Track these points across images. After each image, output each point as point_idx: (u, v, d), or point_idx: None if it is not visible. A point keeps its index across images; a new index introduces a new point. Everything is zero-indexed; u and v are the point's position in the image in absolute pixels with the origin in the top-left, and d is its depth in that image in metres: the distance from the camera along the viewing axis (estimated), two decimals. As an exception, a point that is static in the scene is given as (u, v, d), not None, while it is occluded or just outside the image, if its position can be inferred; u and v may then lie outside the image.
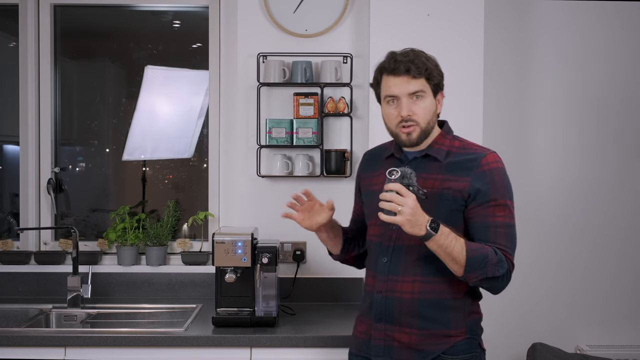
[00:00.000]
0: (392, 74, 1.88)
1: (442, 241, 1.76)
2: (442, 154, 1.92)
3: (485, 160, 1.88)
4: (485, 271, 1.79)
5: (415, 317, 1.89)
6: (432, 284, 1.89)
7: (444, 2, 2.78)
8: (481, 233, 1.86)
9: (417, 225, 1.74)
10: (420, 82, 1.87)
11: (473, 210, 1.86)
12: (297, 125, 2.85)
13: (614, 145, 3.23)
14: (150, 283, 2.99)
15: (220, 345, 2.34)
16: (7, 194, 3.36)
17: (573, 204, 3.22)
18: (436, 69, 1.91)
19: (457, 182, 1.87)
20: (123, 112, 3.34)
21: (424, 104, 1.88)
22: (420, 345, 1.89)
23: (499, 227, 1.85)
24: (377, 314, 1.93)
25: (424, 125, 1.89)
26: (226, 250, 2.48)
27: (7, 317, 2.78)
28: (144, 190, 3.30)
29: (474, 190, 1.85)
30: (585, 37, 3.21)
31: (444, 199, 1.86)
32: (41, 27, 3.12)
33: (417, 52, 1.91)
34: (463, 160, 1.90)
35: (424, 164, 1.93)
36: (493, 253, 1.81)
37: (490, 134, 3.09)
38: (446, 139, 1.96)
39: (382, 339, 1.92)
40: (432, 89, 1.89)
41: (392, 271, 1.91)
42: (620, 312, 3.23)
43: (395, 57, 1.89)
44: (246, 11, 2.91)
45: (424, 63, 1.87)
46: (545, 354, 2.78)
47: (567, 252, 3.22)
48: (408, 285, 1.89)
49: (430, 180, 1.89)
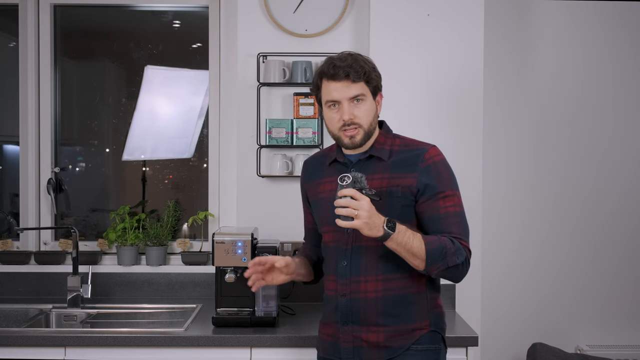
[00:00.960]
0: (332, 79, 1.91)
1: (400, 239, 1.80)
2: (385, 154, 1.96)
3: (428, 154, 1.93)
4: (446, 261, 1.84)
5: (381, 315, 1.92)
6: (394, 281, 1.92)
7: (444, 2, 2.78)
8: (434, 225, 1.90)
9: (375, 227, 1.77)
10: (360, 86, 1.90)
11: (424, 204, 1.91)
12: (297, 125, 2.86)
13: (614, 144, 3.23)
14: (150, 283, 2.99)
15: (220, 345, 2.34)
16: (7, 194, 3.36)
17: (574, 204, 3.22)
18: (374, 71, 1.94)
19: (404, 178, 1.91)
20: (123, 112, 3.34)
21: (365, 107, 1.91)
22: (387, 342, 1.92)
23: (451, 217, 1.90)
24: (344, 317, 1.95)
25: (366, 127, 1.92)
26: (226, 250, 2.48)
27: (7, 317, 2.78)
28: (144, 190, 3.30)
29: (422, 185, 1.89)
30: (585, 37, 3.21)
31: (394, 197, 1.90)
32: (41, 27, 3.12)
33: (355, 56, 1.93)
34: (407, 157, 1.94)
35: (369, 165, 1.96)
36: (450, 242, 1.85)
37: (490, 133, 3.10)
38: (387, 138, 1.99)
39: (350, 341, 1.95)
40: (371, 92, 1.93)
41: (353, 273, 1.93)
42: (620, 312, 3.23)
43: (334, 63, 1.91)
44: (246, 11, 2.91)
45: (362, 67, 1.90)
46: (545, 354, 2.78)
47: (568, 252, 3.23)
48: (371, 285, 1.92)
49: (377, 180, 1.92)
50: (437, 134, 2.75)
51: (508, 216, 3.21)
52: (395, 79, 2.74)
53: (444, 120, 2.80)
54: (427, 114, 2.80)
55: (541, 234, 3.22)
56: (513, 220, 3.21)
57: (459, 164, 2.68)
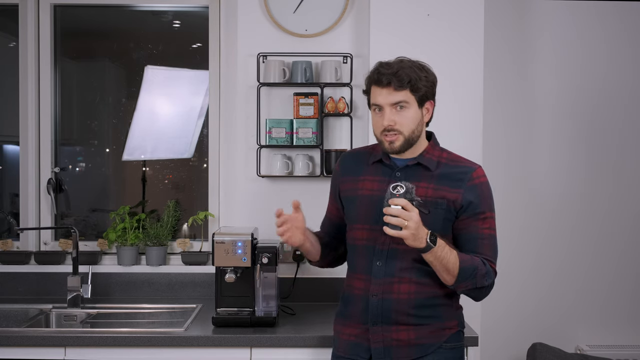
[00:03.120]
0: (376, 84, 1.95)
1: (439, 253, 1.85)
2: (433, 164, 2.00)
3: (476, 174, 1.99)
4: (475, 281, 1.90)
5: (412, 315, 1.95)
6: (426, 285, 1.96)
7: (444, 2, 2.78)
8: (469, 244, 1.97)
9: (419, 239, 1.82)
10: (403, 94, 1.92)
11: (464, 221, 1.96)
12: (297, 125, 2.85)
13: (614, 144, 3.23)
14: (150, 283, 2.99)
15: (220, 345, 2.34)
16: (7, 194, 3.36)
17: (574, 204, 3.22)
18: (422, 80, 1.94)
19: (450, 192, 1.94)
20: (123, 112, 3.34)
21: (408, 114, 1.94)
22: (419, 339, 1.96)
23: (486, 239, 1.97)
24: (374, 317, 1.97)
25: (407, 135, 1.95)
26: (226, 250, 2.48)
27: (7, 317, 2.78)
28: (144, 190, 3.30)
29: (467, 202, 1.94)
30: (585, 37, 3.21)
31: (439, 209, 1.94)
32: (41, 27, 3.12)
33: (403, 63, 1.95)
34: (454, 172, 1.98)
35: (415, 172, 1.99)
36: (482, 264, 1.92)
37: (490, 133, 3.10)
38: (435, 150, 2.04)
39: (380, 341, 1.97)
40: (416, 100, 1.95)
41: (388, 274, 1.96)
42: (620, 312, 3.24)
43: (379, 69, 1.95)
44: (246, 11, 2.91)
45: (407, 75, 1.91)
46: (545, 354, 2.77)
47: (568, 252, 3.23)
48: (405, 287, 1.95)
49: (422, 189, 1.94)
50: (437, 133, 2.75)
51: (507, 216, 3.21)
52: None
53: (443, 120, 2.79)
54: (427, 114, 2.80)
55: (541, 233, 3.22)
56: (512, 220, 3.21)
57: (459, 164, 2.69)
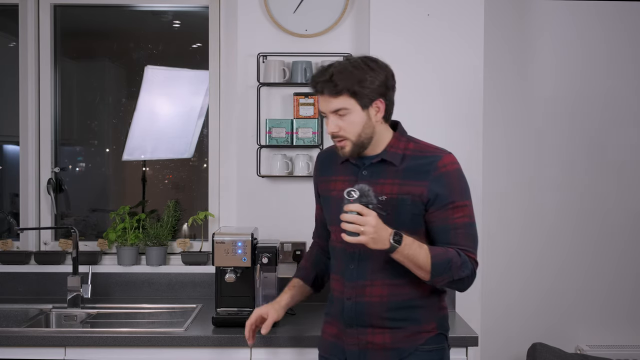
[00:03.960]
0: (316, 92, 1.88)
1: (406, 251, 1.79)
2: (397, 159, 1.90)
3: (442, 162, 1.87)
4: (451, 274, 1.83)
5: (386, 319, 1.91)
6: (400, 287, 1.90)
7: (444, 2, 2.78)
8: (442, 236, 1.88)
9: (381, 241, 1.76)
10: (341, 100, 1.83)
11: (433, 214, 1.87)
12: (297, 125, 2.85)
13: (614, 144, 3.23)
14: (150, 283, 2.99)
15: (220, 345, 2.34)
16: (7, 194, 3.36)
17: (574, 204, 3.22)
18: (368, 80, 1.82)
19: (415, 186, 1.86)
20: (123, 112, 3.34)
21: (350, 119, 1.85)
22: (394, 344, 1.91)
23: (459, 229, 1.87)
24: (349, 320, 1.94)
25: (354, 139, 1.87)
26: (226, 250, 2.48)
27: (7, 317, 2.78)
28: (144, 190, 3.30)
29: (433, 195, 1.85)
30: (585, 37, 3.21)
31: (404, 204, 1.86)
32: (41, 27, 3.12)
33: (339, 68, 1.83)
34: (420, 164, 1.88)
35: (380, 169, 1.92)
36: (457, 256, 1.83)
37: (490, 133, 3.10)
38: (401, 141, 1.93)
39: (355, 344, 1.94)
40: (359, 103, 1.83)
41: (360, 277, 1.92)
42: (620, 312, 3.23)
43: (314, 76, 1.87)
44: (246, 11, 2.91)
45: (342, 80, 1.80)
46: (545, 354, 2.78)
47: (568, 252, 3.23)
48: (377, 289, 1.90)
49: (388, 186, 1.88)
50: (437, 133, 2.75)
51: (508, 216, 3.21)
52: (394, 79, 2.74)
53: (443, 120, 2.80)
54: (427, 113, 2.80)
55: (541, 233, 3.22)
56: (513, 220, 3.21)
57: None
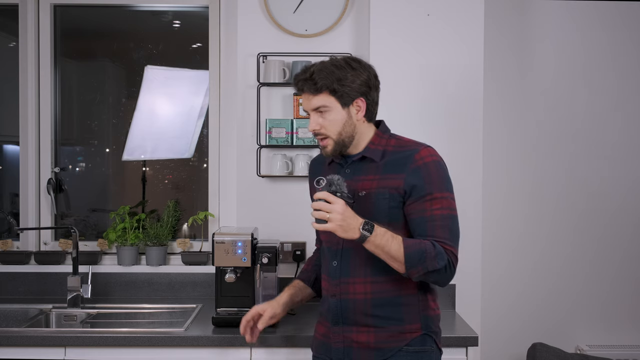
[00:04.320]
0: (298, 90, 1.92)
1: (378, 241, 1.79)
2: (377, 155, 1.93)
3: (419, 155, 1.88)
4: (425, 265, 1.80)
5: (370, 316, 1.91)
6: (383, 283, 1.90)
7: (444, 2, 2.78)
8: (420, 228, 1.87)
9: (351, 229, 1.77)
10: (321, 98, 1.87)
11: (410, 206, 1.87)
12: (297, 125, 2.86)
13: (615, 144, 3.23)
14: (150, 283, 2.99)
15: (220, 345, 2.34)
16: (7, 194, 3.36)
17: (574, 204, 3.22)
18: (349, 78, 1.86)
19: (392, 180, 1.88)
20: (123, 112, 3.34)
21: (331, 117, 1.89)
22: (377, 343, 1.91)
23: (437, 221, 1.85)
24: (334, 318, 1.95)
25: (335, 137, 1.90)
26: (226, 250, 2.48)
27: (7, 317, 2.78)
28: (144, 190, 3.30)
29: (410, 187, 1.86)
30: (585, 37, 3.21)
31: (381, 198, 1.88)
32: (41, 27, 3.12)
33: (320, 67, 1.87)
34: (398, 158, 1.90)
35: (361, 166, 1.94)
36: (431, 247, 1.82)
37: (490, 133, 3.10)
38: (382, 138, 1.96)
39: (341, 342, 1.95)
40: (338, 101, 1.87)
41: (343, 274, 1.93)
42: (620, 312, 3.23)
43: (296, 75, 1.91)
44: (246, 11, 2.91)
45: (322, 78, 1.85)
46: (545, 354, 2.78)
47: (568, 252, 3.23)
48: (360, 287, 1.91)
49: (367, 182, 1.90)
50: (437, 133, 2.76)
51: (508, 216, 3.21)
52: (394, 79, 2.75)
53: (443, 120, 2.80)
54: (427, 113, 2.80)
55: (541, 234, 3.22)
56: (513, 221, 3.21)
57: (459, 164, 2.69)
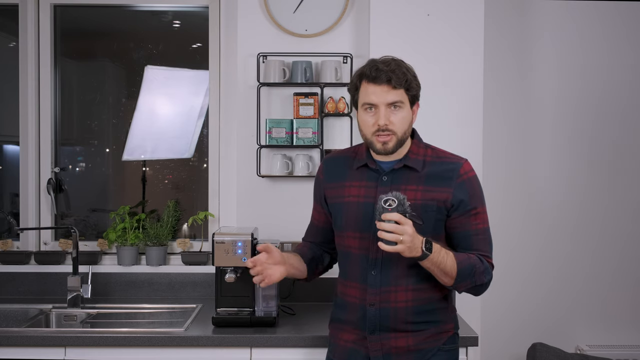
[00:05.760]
0: (372, 82, 1.88)
1: (436, 259, 1.83)
2: (419, 164, 1.95)
3: (463, 170, 1.95)
4: (474, 280, 1.89)
5: (410, 323, 1.94)
6: (424, 291, 1.94)
7: (444, 2, 2.78)
8: (464, 241, 1.94)
9: (415, 249, 1.79)
10: (400, 93, 1.89)
11: (456, 219, 1.93)
12: (297, 125, 2.85)
13: (615, 144, 3.23)
14: (150, 283, 2.99)
15: (220, 345, 2.34)
16: (7, 194, 3.36)
17: (574, 204, 3.22)
18: (415, 80, 1.92)
19: (439, 192, 1.91)
20: (123, 112, 3.34)
21: (402, 114, 1.90)
22: (417, 345, 1.94)
23: (480, 235, 1.94)
24: (372, 326, 1.95)
25: (400, 135, 1.91)
26: (226, 250, 2.48)
27: (7, 317, 2.78)
28: (144, 190, 3.30)
29: (457, 201, 1.91)
30: (585, 37, 3.21)
31: (429, 211, 1.90)
32: (41, 27, 3.12)
33: (398, 62, 1.91)
34: (442, 170, 1.94)
35: (402, 175, 1.94)
36: (479, 262, 1.90)
37: (491, 133, 3.10)
38: (420, 148, 1.99)
39: (379, 349, 1.95)
40: (409, 100, 1.92)
41: (383, 283, 1.93)
42: (620, 312, 3.23)
43: (377, 66, 1.89)
44: (246, 11, 2.91)
45: (404, 74, 1.88)
46: (545, 354, 2.77)
47: (568, 252, 3.23)
48: (402, 295, 1.93)
49: (411, 192, 1.90)
50: (437, 133, 2.75)
51: (508, 215, 3.21)
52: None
53: (444, 120, 2.80)
54: (427, 113, 2.78)
55: (541, 233, 3.22)
56: (513, 220, 3.21)
57: (459, 164, 2.69)
